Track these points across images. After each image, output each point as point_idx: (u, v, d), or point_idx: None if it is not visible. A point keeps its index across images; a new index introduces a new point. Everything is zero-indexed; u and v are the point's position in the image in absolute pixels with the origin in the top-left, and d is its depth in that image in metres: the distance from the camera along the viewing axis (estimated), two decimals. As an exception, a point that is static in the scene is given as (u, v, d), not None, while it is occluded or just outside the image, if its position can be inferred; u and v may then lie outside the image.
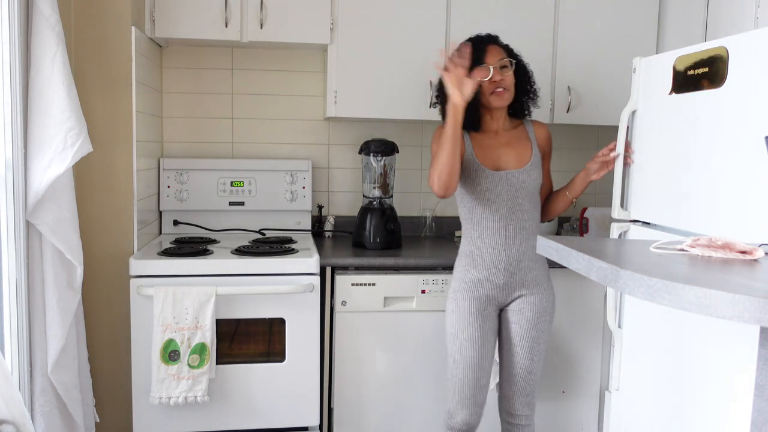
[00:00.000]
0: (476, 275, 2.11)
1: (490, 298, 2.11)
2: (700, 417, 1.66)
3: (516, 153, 2.14)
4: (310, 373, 2.49)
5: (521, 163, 2.12)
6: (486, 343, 2.10)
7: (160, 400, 2.32)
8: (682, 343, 1.75)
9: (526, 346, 2.12)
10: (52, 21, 2.02)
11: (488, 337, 2.10)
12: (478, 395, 2.10)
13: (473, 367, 2.08)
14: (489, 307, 2.11)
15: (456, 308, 2.11)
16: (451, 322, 2.12)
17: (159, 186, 2.95)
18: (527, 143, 2.17)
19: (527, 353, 2.12)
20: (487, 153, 2.13)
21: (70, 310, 2.14)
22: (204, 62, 3.05)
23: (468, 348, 2.08)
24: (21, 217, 2.02)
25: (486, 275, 2.10)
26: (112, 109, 2.43)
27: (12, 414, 1.70)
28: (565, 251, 1.41)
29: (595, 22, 2.90)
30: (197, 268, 2.40)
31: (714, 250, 1.30)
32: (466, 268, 2.13)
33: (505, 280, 2.10)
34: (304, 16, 2.75)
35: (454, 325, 2.10)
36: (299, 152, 3.15)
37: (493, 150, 2.13)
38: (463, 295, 2.11)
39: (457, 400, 2.10)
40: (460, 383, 2.09)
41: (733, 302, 0.97)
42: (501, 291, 2.11)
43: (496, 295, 2.11)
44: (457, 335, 2.09)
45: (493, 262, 2.10)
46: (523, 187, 2.10)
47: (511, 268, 2.10)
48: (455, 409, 2.11)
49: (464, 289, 2.11)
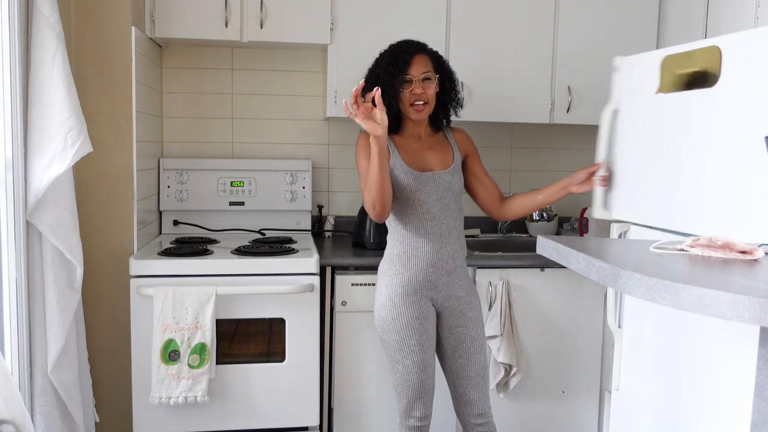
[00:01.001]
0: (414, 277, 2.08)
1: (429, 298, 2.11)
2: (700, 417, 1.66)
3: (439, 156, 2.16)
4: (310, 373, 2.49)
5: (445, 166, 2.15)
6: (432, 343, 2.13)
7: (160, 400, 2.32)
8: (682, 343, 1.75)
9: (478, 345, 2.15)
10: (52, 21, 2.02)
11: (432, 335, 2.13)
12: (429, 390, 2.13)
13: (425, 368, 2.09)
14: (429, 308, 2.12)
15: (399, 315, 2.07)
16: (395, 329, 2.08)
17: (159, 186, 2.95)
18: (448, 147, 2.20)
19: (481, 351, 2.16)
20: (412, 156, 2.13)
21: (70, 310, 2.14)
22: (204, 62, 3.05)
23: (418, 353, 2.07)
24: (21, 217, 2.02)
25: (423, 276, 2.09)
26: (112, 109, 2.43)
27: (12, 414, 1.70)
28: (565, 251, 1.42)
29: (595, 22, 2.90)
30: (197, 268, 2.40)
31: (714, 250, 1.30)
32: (401, 271, 2.09)
33: (442, 279, 2.11)
34: (304, 16, 2.75)
35: (400, 333, 2.07)
36: (299, 152, 3.15)
37: (417, 153, 2.14)
38: (402, 300, 2.07)
39: (413, 399, 2.11)
40: (413, 385, 2.09)
41: (733, 302, 0.97)
42: (438, 291, 2.11)
43: (434, 295, 2.11)
44: (405, 342, 2.07)
45: (431, 261, 2.09)
46: (450, 188, 2.12)
47: (448, 267, 2.11)
48: (411, 407, 2.12)
49: (402, 294, 2.08)
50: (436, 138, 2.22)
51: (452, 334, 2.15)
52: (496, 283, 2.59)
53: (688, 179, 1.70)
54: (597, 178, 2.08)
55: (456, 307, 2.14)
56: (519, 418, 2.69)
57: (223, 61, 3.07)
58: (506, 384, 2.61)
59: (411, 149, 2.15)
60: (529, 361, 2.66)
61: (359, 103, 1.89)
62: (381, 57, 2.14)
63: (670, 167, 1.78)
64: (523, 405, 2.69)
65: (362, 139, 2.10)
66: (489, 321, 2.55)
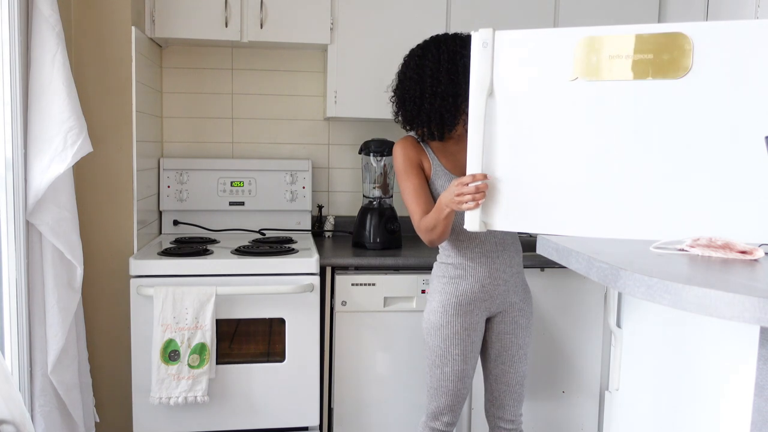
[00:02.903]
0: (468, 287, 2.02)
1: (483, 309, 2.05)
2: (700, 417, 1.66)
3: None
4: (310, 373, 2.48)
5: None
6: (476, 354, 2.07)
7: (160, 400, 2.32)
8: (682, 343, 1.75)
9: (522, 354, 2.11)
10: (52, 21, 2.02)
11: (477, 346, 2.07)
12: (462, 399, 2.09)
13: (462, 379, 2.05)
14: (481, 319, 2.06)
15: (448, 324, 2.01)
16: (441, 337, 2.02)
17: (159, 186, 2.95)
18: None
19: (524, 360, 2.12)
20: (454, 160, 2.03)
21: (70, 310, 2.14)
22: (204, 62, 3.05)
23: (459, 362, 2.03)
24: (21, 217, 2.02)
25: (480, 287, 2.02)
26: (112, 109, 2.43)
27: (12, 414, 1.70)
28: (565, 251, 1.41)
29: (595, 22, 2.89)
30: (197, 268, 2.40)
31: (714, 250, 1.30)
32: (458, 281, 2.02)
33: (499, 288, 2.05)
34: (304, 16, 2.75)
35: (446, 341, 2.02)
36: (299, 152, 3.15)
37: (459, 156, 2.01)
38: (455, 310, 2.01)
39: (443, 406, 2.07)
40: (448, 393, 2.05)
41: (733, 302, 0.97)
42: (494, 300, 2.05)
43: (489, 305, 2.05)
44: (449, 350, 2.02)
45: (488, 271, 2.02)
46: None
47: (505, 275, 2.06)
48: (441, 412, 2.09)
49: (456, 304, 2.01)
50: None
51: (499, 339, 2.10)
52: (496, 283, 2.59)
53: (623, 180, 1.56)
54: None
55: (508, 312, 2.09)
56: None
57: (223, 61, 3.07)
58: (506, 384, 2.61)
59: (451, 152, 2.04)
60: (529, 361, 2.66)
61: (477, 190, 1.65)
62: (440, 49, 1.95)
63: (602, 167, 1.58)
64: (523, 405, 2.68)
65: (401, 152, 2.01)
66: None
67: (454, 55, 1.96)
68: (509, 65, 1.64)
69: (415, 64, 2.01)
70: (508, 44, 1.64)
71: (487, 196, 1.66)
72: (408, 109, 2.03)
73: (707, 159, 1.50)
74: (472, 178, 1.65)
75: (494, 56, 1.64)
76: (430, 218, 1.92)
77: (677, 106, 1.52)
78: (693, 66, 1.49)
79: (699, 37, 1.48)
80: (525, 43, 1.63)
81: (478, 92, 1.65)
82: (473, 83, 1.66)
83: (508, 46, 1.64)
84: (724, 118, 1.48)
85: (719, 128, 1.49)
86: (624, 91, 1.56)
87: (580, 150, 1.60)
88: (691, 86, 1.50)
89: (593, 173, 1.59)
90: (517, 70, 1.63)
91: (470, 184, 1.65)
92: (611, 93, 1.57)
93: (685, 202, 1.53)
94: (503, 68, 1.64)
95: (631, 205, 1.57)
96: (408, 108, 2.03)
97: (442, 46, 1.98)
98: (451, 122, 1.98)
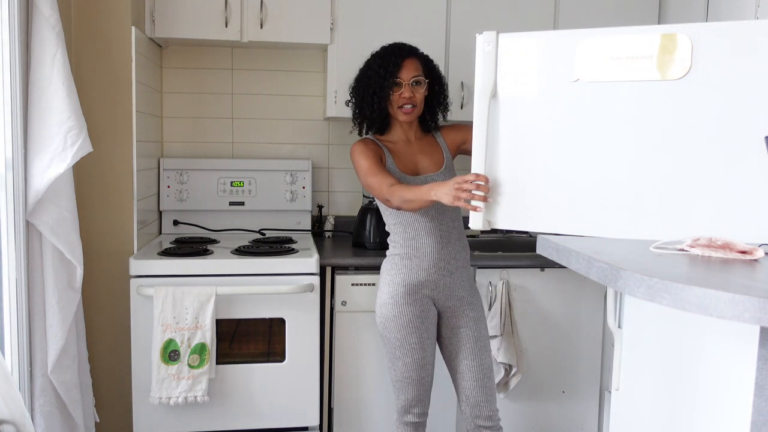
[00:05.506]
0: (416, 276, 2.11)
1: (430, 297, 2.14)
2: (700, 417, 1.66)
3: (429, 158, 2.19)
4: (310, 373, 2.49)
5: (437, 167, 2.17)
6: (432, 341, 2.16)
7: (160, 400, 2.32)
8: (682, 343, 1.75)
9: (482, 345, 2.16)
10: (52, 21, 2.02)
11: (432, 334, 2.16)
12: (428, 387, 2.17)
13: (424, 366, 2.13)
14: (430, 307, 2.15)
15: (401, 313, 2.10)
16: (396, 327, 2.11)
17: (159, 186, 2.95)
18: (438, 149, 2.22)
19: (485, 352, 2.17)
20: (404, 160, 2.16)
21: (70, 310, 2.14)
22: (204, 62, 3.05)
23: (418, 350, 2.11)
24: (21, 217, 2.02)
25: (425, 275, 2.11)
26: (112, 109, 2.43)
27: (12, 414, 1.70)
28: (565, 251, 1.41)
29: (595, 21, 2.90)
30: (197, 268, 2.40)
31: (714, 250, 1.30)
32: (403, 270, 2.12)
33: (444, 280, 2.13)
34: (304, 16, 2.75)
35: (401, 331, 2.11)
36: (299, 152, 3.15)
37: (408, 157, 2.18)
38: (404, 299, 2.11)
39: (411, 397, 2.15)
40: (413, 382, 2.13)
41: (733, 302, 0.97)
42: (440, 291, 2.14)
43: (435, 295, 2.14)
44: (406, 339, 2.11)
45: (432, 261, 2.11)
46: None
47: (450, 267, 2.14)
48: (410, 404, 2.16)
49: (404, 293, 2.11)
50: (426, 140, 2.24)
51: (455, 334, 2.16)
52: (496, 283, 2.59)
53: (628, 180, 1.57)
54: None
55: (458, 307, 2.16)
56: (519, 418, 2.69)
57: (223, 61, 3.07)
58: (506, 384, 2.61)
59: (401, 153, 2.18)
60: (529, 361, 2.66)
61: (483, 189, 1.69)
62: (372, 59, 2.17)
63: (604, 166, 1.59)
64: (523, 405, 2.69)
65: (361, 146, 2.15)
66: (489, 321, 2.55)
67: (383, 61, 2.12)
68: (512, 67, 1.66)
69: (364, 67, 2.21)
70: (510, 46, 1.66)
71: (490, 195, 1.69)
72: (357, 106, 2.23)
73: (707, 159, 1.51)
74: (476, 177, 1.68)
75: (497, 59, 1.67)
76: (411, 192, 1.97)
77: (677, 107, 1.53)
78: (693, 66, 1.50)
79: (699, 38, 1.49)
80: (527, 45, 1.64)
81: (482, 94, 1.67)
82: (477, 85, 1.69)
83: (510, 49, 1.66)
84: (724, 118, 1.48)
85: (719, 128, 1.49)
86: (625, 92, 1.58)
87: (581, 150, 1.61)
88: (691, 86, 1.51)
89: (594, 173, 1.61)
90: (519, 71, 1.66)
91: (473, 182, 1.69)
92: (612, 94, 1.58)
93: (685, 202, 1.53)
94: (506, 70, 1.66)
95: (632, 205, 1.58)
96: (356, 104, 2.23)
97: (378, 53, 2.18)
98: (378, 124, 2.18)
